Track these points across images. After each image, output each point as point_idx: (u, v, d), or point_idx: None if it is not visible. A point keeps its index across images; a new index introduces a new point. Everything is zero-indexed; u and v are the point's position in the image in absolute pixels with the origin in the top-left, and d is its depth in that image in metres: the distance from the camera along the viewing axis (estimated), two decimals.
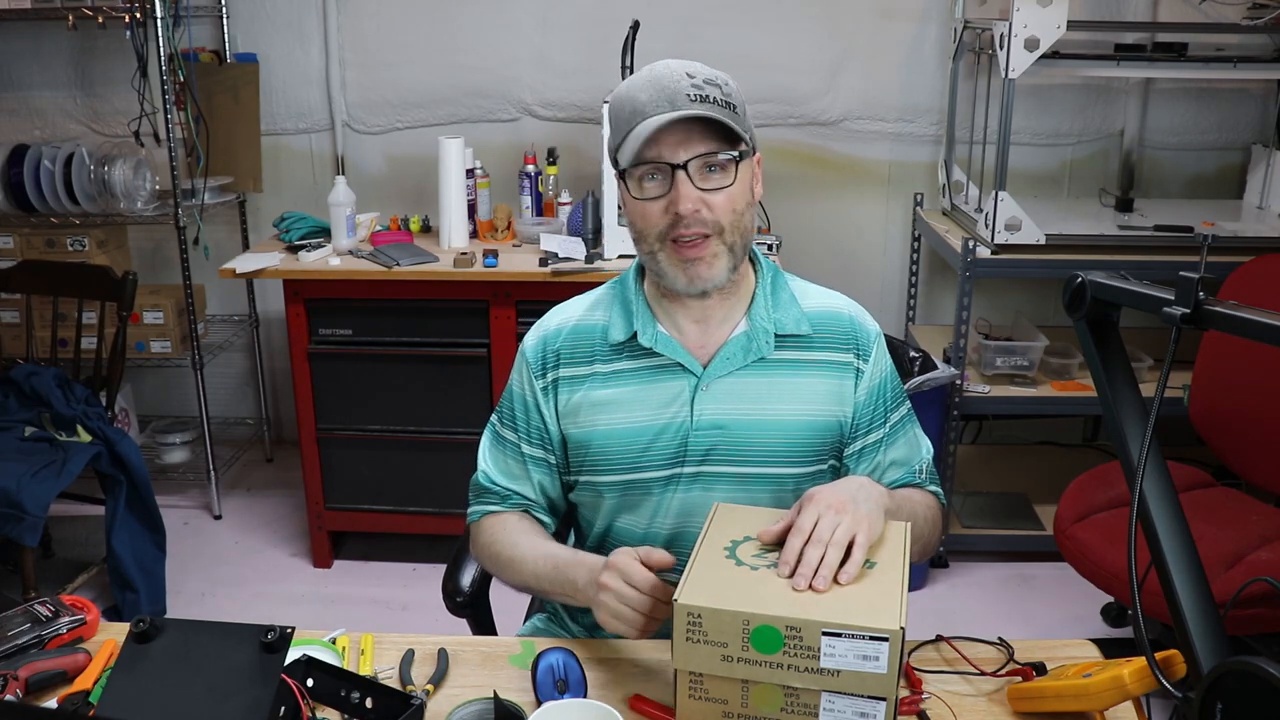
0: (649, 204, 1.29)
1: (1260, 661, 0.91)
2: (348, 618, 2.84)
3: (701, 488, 1.38)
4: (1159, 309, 1.09)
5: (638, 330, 1.37)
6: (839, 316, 1.41)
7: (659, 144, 1.26)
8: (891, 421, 1.43)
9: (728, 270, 1.32)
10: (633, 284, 1.41)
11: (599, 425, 1.39)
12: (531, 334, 1.46)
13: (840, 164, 3.48)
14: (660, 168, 1.27)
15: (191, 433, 3.55)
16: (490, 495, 1.46)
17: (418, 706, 1.12)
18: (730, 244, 1.30)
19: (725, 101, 1.27)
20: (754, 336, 1.37)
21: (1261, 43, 3.12)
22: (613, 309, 1.41)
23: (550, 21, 3.39)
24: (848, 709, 1.06)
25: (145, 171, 3.25)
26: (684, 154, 1.26)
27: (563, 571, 1.31)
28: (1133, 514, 1.07)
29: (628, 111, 1.28)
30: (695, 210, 1.27)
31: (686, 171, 1.26)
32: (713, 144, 1.27)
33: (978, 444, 3.66)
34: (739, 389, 1.36)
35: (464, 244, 3.04)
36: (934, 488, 1.47)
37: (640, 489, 1.39)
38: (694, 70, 1.28)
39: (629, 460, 1.38)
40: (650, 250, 1.33)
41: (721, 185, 1.28)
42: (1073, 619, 2.81)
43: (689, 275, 1.31)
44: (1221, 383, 2.54)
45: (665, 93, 1.25)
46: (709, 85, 1.27)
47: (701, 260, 1.30)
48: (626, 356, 1.39)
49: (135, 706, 0.99)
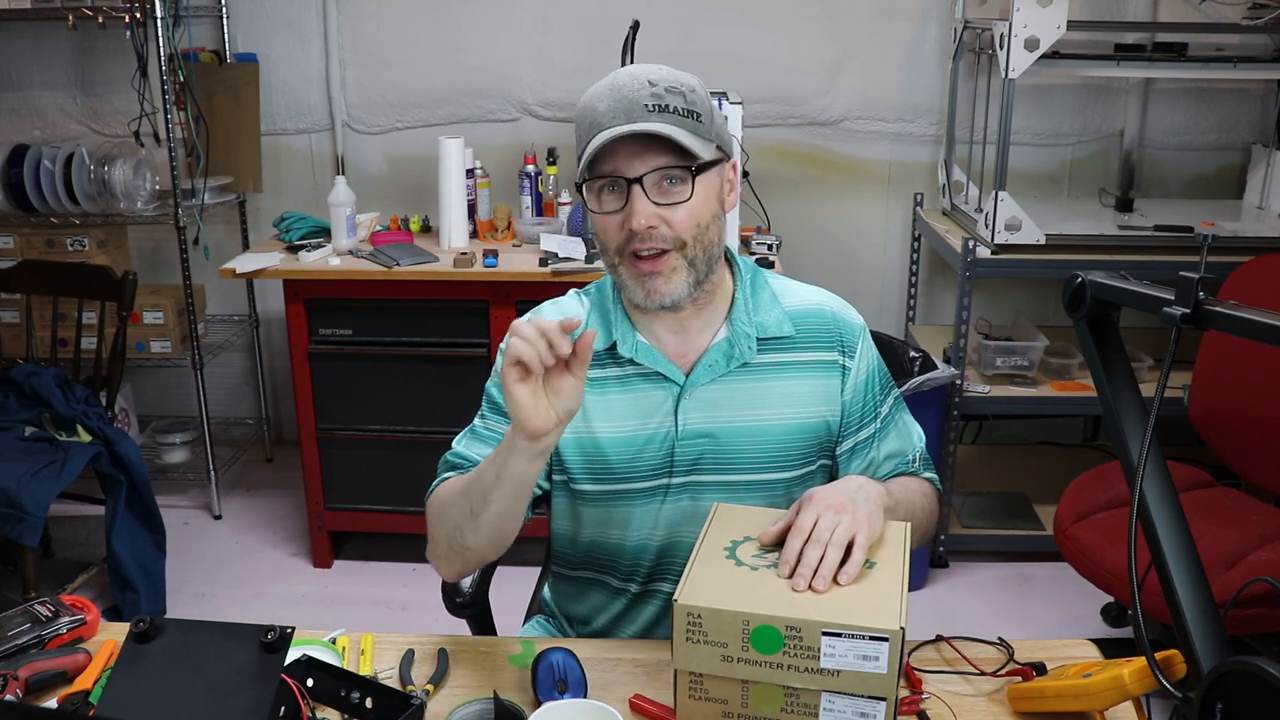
0: (607, 218, 1.26)
1: (1260, 661, 0.91)
2: (348, 618, 2.84)
3: (690, 497, 1.36)
4: (1159, 309, 1.09)
5: (617, 340, 1.35)
6: (821, 313, 1.39)
7: (615, 157, 1.23)
8: (882, 415, 1.42)
9: (688, 284, 1.27)
10: (610, 293, 1.38)
11: (584, 433, 1.36)
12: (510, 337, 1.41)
13: (840, 164, 3.48)
14: (616, 181, 1.24)
15: (191, 433, 3.55)
16: (447, 469, 1.38)
17: (418, 706, 1.12)
18: (691, 258, 1.26)
19: (687, 110, 1.23)
20: (735, 342, 1.34)
21: (1261, 43, 3.12)
22: (591, 317, 1.38)
23: (550, 21, 3.39)
24: (848, 709, 1.06)
25: (145, 171, 3.25)
26: (640, 167, 1.22)
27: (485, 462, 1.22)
28: (1133, 514, 1.07)
29: (588, 122, 1.25)
30: (651, 226, 1.23)
31: (642, 186, 1.22)
32: (670, 157, 1.22)
33: (978, 444, 3.66)
34: (724, 396, 1.34)
35: (464, 244, 3.04)
36: (929, 474, 1.46)
37: (627, 499, 1.37)
38: (657, 78, 1.23)
39: (617, 470, 1.36)
40: (612, 264, 1.30)
41: (680, 200, 1.23)
42: (1073, 619, 2.81)
43: (646, 289, 1.27)
44: (1221, 383, 2.54)
45: (623, 103, 1.21)
46: (670, 94, 1.22)
47: (659, 275, 1.25)
48: (611, 364, 1.36)
49: (135, 706, 0.99)
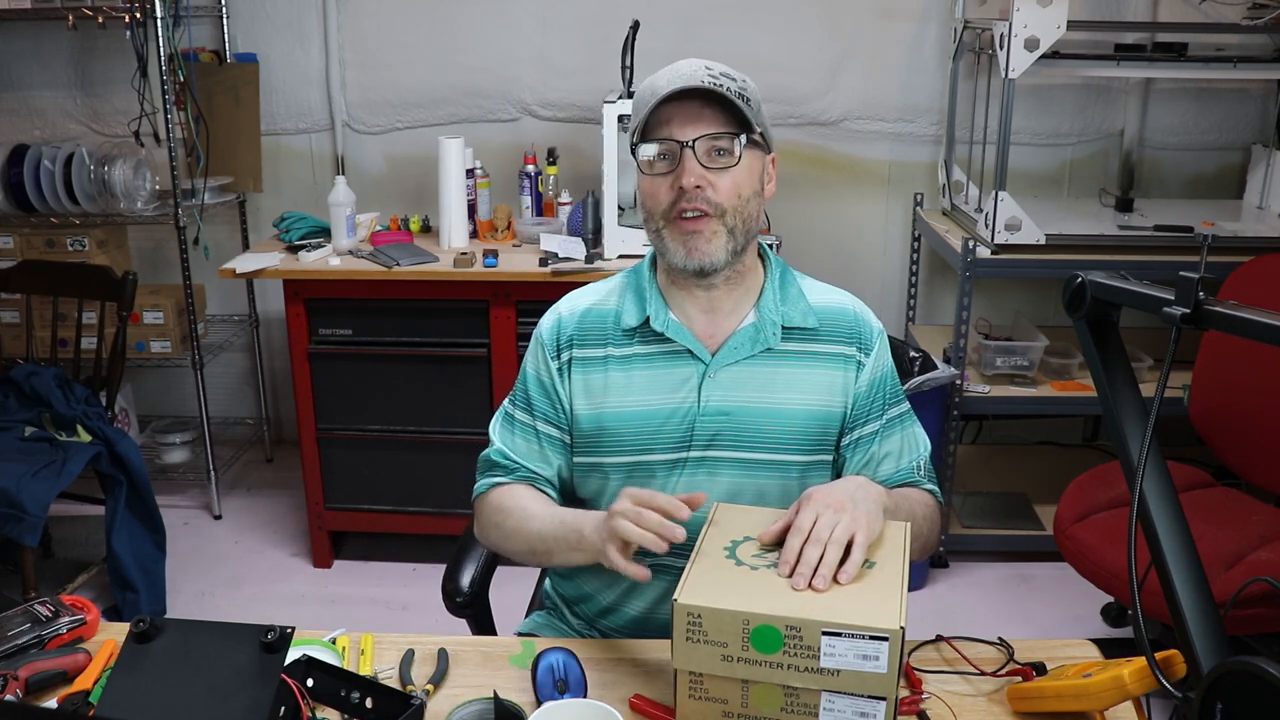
0: (657, 179, 1.34)
1: (1260, 661, 0.91)
2: (348, 618, 2.84)
3: (706, 472, 1.40)
4: (1159, 309, 1.09)
5: (650, 315, 1.41)
6: (844, 312, 1.46)
7: (670, 122, 1.32)
8: (888, 416, 1.45)
9: (726, 251, 1.34)
10: (647, 272, 1.46)
11: (609, 407, 1.41)
12: (547, 317, 1.48)
13: (840, 164, 3.48)
14: (669, 146, 1.32)
15: (191, 433, 3.55)
16: (499, 469, 1.47)
17: (418, 706, 1.12)
18: (731, 227, 1.34)
19: (739, 92, 1.32)
20: (761, 328, 1.40)
21: (1261, 43, 3.12)
22: (626, 295, 1.45)
23: (550, 21, 3.39)
24: (848, 709, 1.06)
25: (145, 171, 3.25)
26: (692, 132, 1.31)
27: (569, 525, 1.31)
28: (1133, 514, 1.07)
29: (647, 95, 1.34)
30: (698, 186, 1.31)
31: (693, 150, 1.31)
32: (721, 125, 1.32)
33: (978, 444, 3.66)
34: (745, 377, 1.40)
35: (464, 244, 3.04)
36: (931, 486, 1.48)
37: (646, 471, 1.41)
38: (713, 65, 1.33)
39: (638, 443, 1.41)
40: (656, 228, 1.37)
41: (727, 166, 1.32)
42: (1073, 619, 2.81)
43: (687, 248, 1.34)
44: (1221, 383, 2.54)
45: (682, 76, 1.31)
46: (725, 77, 1.32)
47: (700, 234, 1.33)
48: (639, 341, 1.42)
49: (135, 706, 0.99)
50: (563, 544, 1.31)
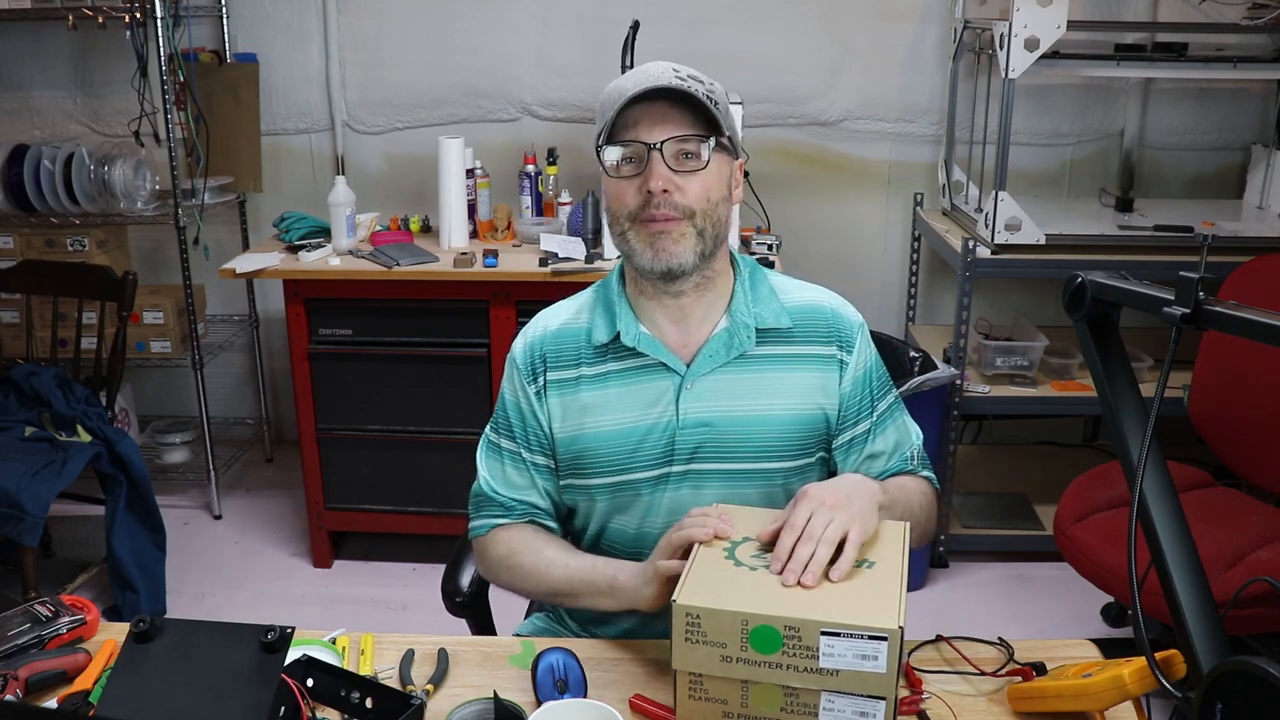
0: (622, 182, 1.31)
1: (1260, 661, 0.91)
2: (348, 618, 2.84)
3: (691, 486, 1.38)
4: (1159, 309, 1.09)
5: (620, 330, 1.37)
6: (820, 309, 1.42)
7: (637, 125, 1.29)
8: (879, 411, 1.43)
9: (695, 253, 1.31)
10: (615, 285, 1.42)
11: (587, 428, 1.39)
12: (518, 341, 1.46)
13: (840, 164, 3.48)
14: (636, 149, 1.29)
15: (191, 433, 3.55)
16: (494, 506, 1.45)
17: (418, 706, 1.12)
18: (701, 229, 1.31)
19: (708, 95, 1.29)
20: (735, 333, 1.37)
21: (1261, 43, 3.12)
22: (596, 311, 1.42)
23: (550, 21, 3.39)
24: (847, 708, 1.06)
25: (145, 171, 3.25)
26: (660, 134, 1.28)
27: (599, 571, 1.32)
28: (1133, 514, 1.07)
29: (614, 96, 1.30)
30: (665, 190, 1.28)
31: (661, 152, 1.28)
32: (688, 128, 1.29)
33: (978, 444, 3.66)
34: (723, 386, 1.37)
35: (464, 244, 3.03)
36: (926, 473, 1.47)
37: (630, 490, 1.39)
38: (680, 67, 1.31)
39: (618, 462, 1.38)
40: (621, 231, 1.34)
41: (694, 169, 1.29)
42: (1073, 619, 2.81)
43: (655, 249, 1.31)
44: (1221, 383, 2.54)
45: (650, 77, 1.29)
46: (693, 79, 1.29)
47: (668, 235, 1.30)
48: (612, 358, 1.39)
49: (135, 706, 0.99)
50: (592, 589, 1.32)
